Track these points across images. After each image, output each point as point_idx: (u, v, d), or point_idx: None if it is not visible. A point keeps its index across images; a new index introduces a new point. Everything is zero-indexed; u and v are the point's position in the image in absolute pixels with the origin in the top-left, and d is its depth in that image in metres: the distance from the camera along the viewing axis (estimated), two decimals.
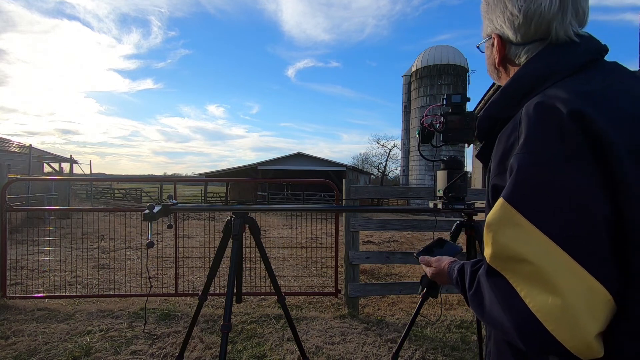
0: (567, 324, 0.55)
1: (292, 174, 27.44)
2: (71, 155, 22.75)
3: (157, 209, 1.77)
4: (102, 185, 29.45)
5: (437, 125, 1.58)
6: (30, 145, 16.25)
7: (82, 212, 8.72)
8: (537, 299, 0.58)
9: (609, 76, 0.69)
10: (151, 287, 2.87)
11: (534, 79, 0.73)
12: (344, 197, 3.57)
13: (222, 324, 1.82)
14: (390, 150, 47.94)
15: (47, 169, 19.40)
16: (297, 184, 27.15)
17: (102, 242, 7.66)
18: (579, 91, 0.64)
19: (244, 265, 2.25)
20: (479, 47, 0.91)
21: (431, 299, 3.45)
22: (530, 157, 0.62)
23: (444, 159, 1.76)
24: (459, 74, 27.55)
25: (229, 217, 2.00)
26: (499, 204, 0.64)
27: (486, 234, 0.66)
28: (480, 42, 0.90)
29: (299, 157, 28.12)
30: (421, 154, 1.88)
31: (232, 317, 2.01)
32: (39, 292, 4.24)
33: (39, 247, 6.43)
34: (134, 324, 3.21)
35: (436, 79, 27.74)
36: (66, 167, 19.91)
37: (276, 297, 2.14)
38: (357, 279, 3.60)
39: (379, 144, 58.07)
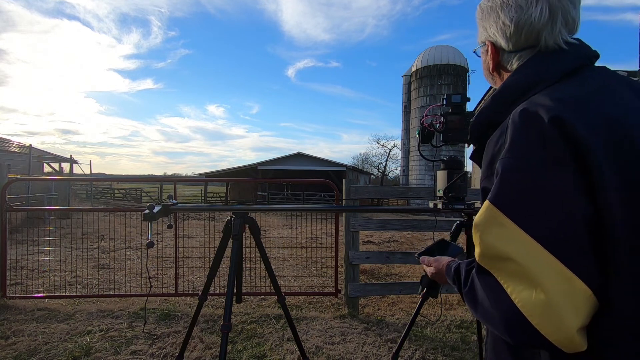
0: (550, 318, 0.58)
1: (292, 174, 27.44)
2: (71, 155, 22.80)
3: (157, 209, 1.77)
4: (102, 185, 29.46)
5: (437, 125, 1.58)
6: (30, 145, 16.26)
7: (82, 212, 8.72)
8: (522, 295, 0.61)
9: (595, 82, 0.72)
10: (151, 287, 2.88)
11: (522, 86, 0.76)
12: (344, 197, 3.57)
13: (222, 324, 1.82)
14: (390, 150, 48.01)
15: (47, 169, 19.41)
16: (297, 184, 27.16)
17: (102, 242, 7.66)
18: (562, 98, 0.67)
19: (244, 265, 2.25)
20: (475, 51, 0.95)
21: (431, 299, 3.45)
22: (513, 162, 0.65)
23: (444, 159, 1.76)
24: (459, 74, 27.56)
25: (229, 217, 2.00)
26: (485, 205, 0.68)
27: (474, 234, 0.70)
28: (476, 48, 0.94)
29: (299, 157, 28.12)
30: (421, 154, 1.88)
31: (232, 317, 2.01)
32: (39, 292, 4.24)
33: (39, 247, 6.43)
34: (134, 324, 3.21)
35: (436, 79, 27.74)
36: (66, 167, 19.93)
37: (276, 297, 2.14)
38: (357, 279, 3.61)
39: (379, 144, 58.05)
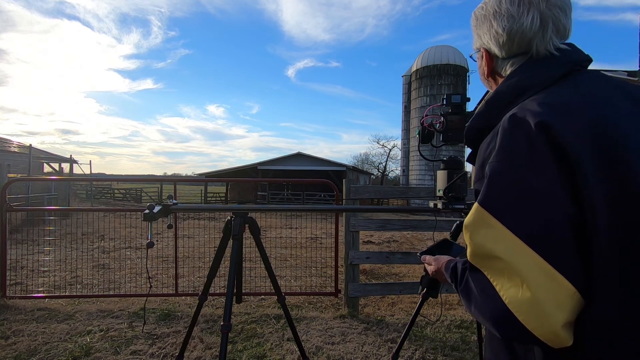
0: (535, 314, 0.61)
1: (292, 174, 27.43)
2: (71, 155, 22.79)
3: (157, 209, 1.77)
4: (102, 185, 29.45)
5: (437, 125, 1.58)
6: (30, 145, 16.26)
7: (82, 212, 8.71)
8: (509, 292, 0.63)
9: (585, 86, 0.73)
10: (151, 287, 2.88)
11: (514, 92, 0.78)
12: (344, 197, 3.57)
13: (222, 324, 1.81)
14: (390, 150, 47.98)
15: (47, 169, 19.40)
16: (297, 184, 27.15)
17: (102, 242, 7.66)
18: (551, 103, 0.69)
19: (244, 265, 2.25)
20: (472, 56, 0.98)
21: (431, 299, 3.45)
22: (500, 165, 0.68)
23: (444, 159, 1.75)
24: (459, 74, 27.54)
25: (229, 217, 2.00)
26: (474, 207, 0.71)
27: (465, 234, 0.73)
28: (472, 53, 0.98)
29: (299, 157, 28.12)
30: (421, 154, 1.88)
31: (232, 317, 2.01)
32: (39, 292, 4.24)
33: (39, 247, 6.43)
34: (134, 324, 3.20)
35: (436, 79, 27.73)
36: (66, 167, 19.92)
37: (276, 297, 2.14)
38: (357, 279, 3.61)
39: (379, 144, 58.00)
